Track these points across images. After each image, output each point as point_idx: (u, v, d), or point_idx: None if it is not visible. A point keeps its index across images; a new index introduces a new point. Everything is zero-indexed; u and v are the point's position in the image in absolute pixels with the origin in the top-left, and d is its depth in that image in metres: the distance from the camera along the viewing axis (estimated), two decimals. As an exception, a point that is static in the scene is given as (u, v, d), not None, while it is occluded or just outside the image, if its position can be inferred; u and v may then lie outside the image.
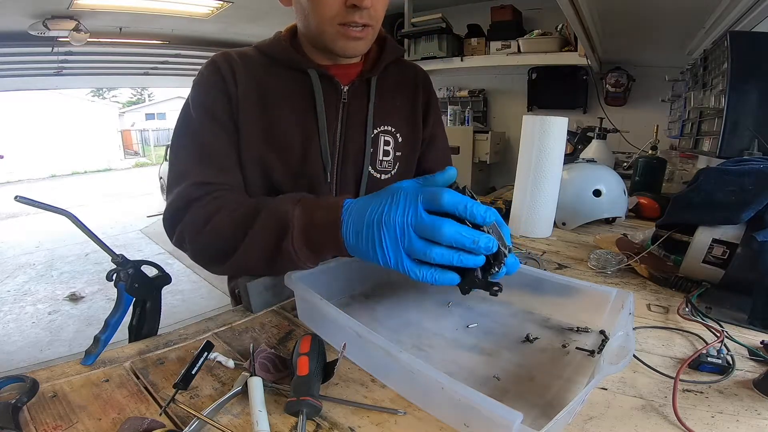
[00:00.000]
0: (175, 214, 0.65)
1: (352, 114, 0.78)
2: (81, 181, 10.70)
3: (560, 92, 2.98)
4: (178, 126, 0.72)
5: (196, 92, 0.72)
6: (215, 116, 0.70)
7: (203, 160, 0.68)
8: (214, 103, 0.70)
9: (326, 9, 0.65)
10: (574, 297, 0.61)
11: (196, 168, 0.67)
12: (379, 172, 0.82)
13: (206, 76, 0.72)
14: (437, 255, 0.43)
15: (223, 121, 0.70)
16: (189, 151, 0.69)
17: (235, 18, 3.44)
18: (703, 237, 0.73)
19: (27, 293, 3.63)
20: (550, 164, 1.03)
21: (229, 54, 0.74)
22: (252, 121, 0.72)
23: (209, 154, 0.68)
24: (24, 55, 3.73)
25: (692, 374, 0.51)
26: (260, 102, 0.73)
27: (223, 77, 0.71)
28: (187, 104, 0.72)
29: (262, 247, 0.56)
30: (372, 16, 0.67)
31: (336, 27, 0.67)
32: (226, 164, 0.70)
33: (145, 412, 0.42)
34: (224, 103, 0.70)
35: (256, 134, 0.72)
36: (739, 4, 1.21)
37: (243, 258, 0.58)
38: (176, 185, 0.66)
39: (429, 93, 0.89)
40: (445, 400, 0.40)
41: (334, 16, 0.65)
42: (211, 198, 0.64)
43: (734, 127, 1.16)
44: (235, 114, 0.71)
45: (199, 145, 0.69)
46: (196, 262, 0.66)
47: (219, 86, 0.71)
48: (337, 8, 0.65)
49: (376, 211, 0.45)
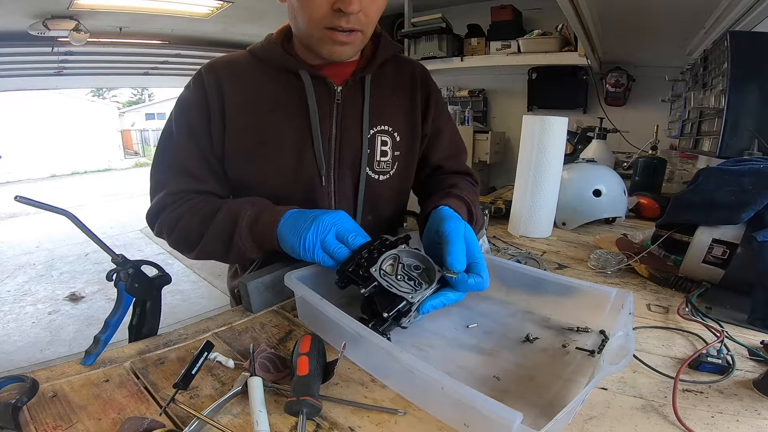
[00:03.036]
0: (156, 214, 0.73)
1: (347, 115, 0.77)
2: (81, 181, 10.68)
3: (560, 92, 2.97)
4: (162, 137, 0.75)
5: (179, 108, 0.75)
6: (193, 133, 0.73)
7: (180, 172, 0.73)
8: (194, 119, 0.73)
9: (313, 11, 0.63)
10: (574, 297, 0.61)
11: (173, 179, 0.73)
12: (377, 173, 0.81)
13: (191, 91, 0.74)
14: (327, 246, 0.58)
15: (198, 137, 0.73)
16: (168, 164, 0.74)
17: (235, 18, 3.44)
18: (703, 237, 0.73)
19: (27, 293, 3.63)
20: (550, 164, 1.03)
21: (216, 65, 0.75)
22: (244, 127, 0.73)
23: (186, 168, 0.73)
24: (24, 55, 3.73)
25: (692, 374, 0.51)
26: (252, 109, 0.73)
27: (206, 93, 0.72)
28: (172, 116, 0.75)
29: (219, 238, 0.66)
30: (361, 22, 0.65)
31: (322, 30, 0.65)
32: (200, 175, 0.74)
33: (145, 412, 0.42)
34: (203, 120, 0.73)
35: (249, 140, 0.73)
36: (739, 4, 1.21)
37: (206, 246, 0.69)
38: (156, 193, 0.74)
39: (429, 88, 0.87)
40: (444, 400, 0.40)
41: (320, 19, 0.64)
42: (183, 201, 0.72)
43: (734, 127, 1.16)
44: (221, 126, 0.73)
45: (176, 160, 0.74)
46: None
47: (200, 103, 0.73)
48: (324, 11, 0.63)
49: (309, 216, 0.60)
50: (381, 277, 0.53)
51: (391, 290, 0.52)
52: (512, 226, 1.12)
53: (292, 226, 0.60)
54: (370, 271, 0.53)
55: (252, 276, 0.66)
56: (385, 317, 0.50)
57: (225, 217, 0.66)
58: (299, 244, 0.57)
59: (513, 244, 1.02)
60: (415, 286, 0.54)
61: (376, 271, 0.53)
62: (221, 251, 0.68)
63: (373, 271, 0.53)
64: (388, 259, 0.56)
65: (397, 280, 0.54)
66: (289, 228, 0.60)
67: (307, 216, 0.60)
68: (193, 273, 3.93)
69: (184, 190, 0.73)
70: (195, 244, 0.69)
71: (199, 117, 0.73)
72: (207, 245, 0.68)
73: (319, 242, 0.57)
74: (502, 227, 1.16)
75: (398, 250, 0.57)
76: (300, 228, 0.58)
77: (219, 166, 0.75)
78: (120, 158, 14.17)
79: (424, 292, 0.53)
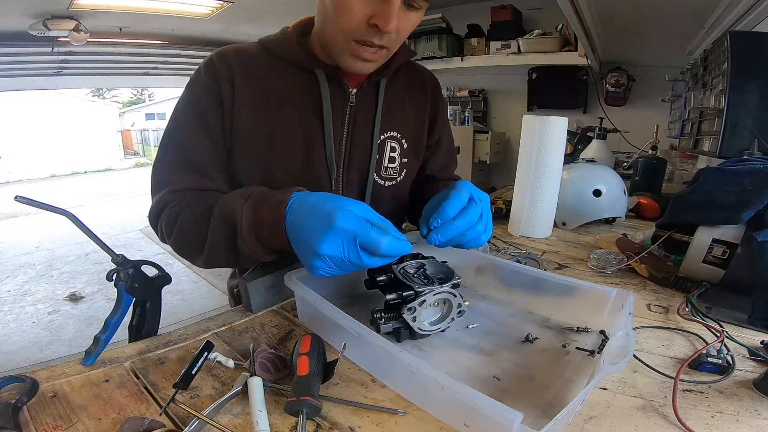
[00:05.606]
0: (158, 215, 0.67)
1: (360, 118, 0.75)
2: (81, 181, 10.68)
3: (560, 92, 2.97)
4: (168, 129, 0.70)
5: (188, 94, 0.69)
6: (204, 122, 0.68)
7: (187, 167, 0.67)
8: (206, 109, 0.68)
9: (347, 21, 0.59)
10: (574, 297, 0.61)
11: (178, 175, 0.67)
12: (384, 179, 0.80)
13: (202, 78, 0.69)
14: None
15: (211, 128, 0.68)
16: (174, 158, 0.68)
17: (235, 18, 3.44)
18: (703, 237, 0.73)
19: (27, 293, 3.63)
20: (550, 164, 1.03)
21: (228, 54, 0.70)
22: (252, 124, 0.69)
23: (195, 162, 0.67)
24: (24, 55, 3.73)
25: (692, 374, 0.51)
26: (261, 103, 0.69)
27: (218, 81, 0.67)
28: (179, 106, 0.70)
29: (221, 246, 0.58)
30: (392, 40, 0.62)
31: (350, 42, 0.61)
32: (210, 171, 0.69)
33: (145, 412, 0.42)
34: (216, 109, 0.68)
35: (257, 138, 0.70)
36: (739, 4, 1.21)
37: (211, 254, 0.60)
38: (157, 192, 0.68)
39: (438, 98, 0.87)
40: (445, 400, 0.40)
41: (352, 31, 0.60)
42: (181, 198, 0.65)
43: (734, 127, 1.16)
44: (229, 120, 0.68)
45: (184, 153, 0.68)
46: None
47: (213, 91, 0.68)
48: (358, 23, 0.58)
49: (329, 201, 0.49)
50: (398, 272, 0.55)
51: (403, 281, 0.54)
52: (512, 226, 1.12)
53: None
54: (391, 266, 0.54)
55: (252, 276, 0.66)
56: (387, 299, 0.52)
57: (221, 220, 0.57)
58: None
59: (513, 244, 1.02)
60: (429, 284, 0.54)
61: (396, 266, 0.55)
62: (231, 260, 0.60)
63: (393, 267, 0.55)
64: (414, 264, 0.58)
65: (413, 278, 0.55)
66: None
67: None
68: (193, 273, 3.93)
69: (189, 188, 0.67)
70: (198, 252, 0.61)
71: (211, 106, 0.67)
72: (212, 253, 0.60)
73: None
74: (502, 227, 1.16)
75: (426, 261, 0.59)
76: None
77: (228, 162, 0.71)
78: (120, 158, 14.17)
79: (432, 287, 0.53)
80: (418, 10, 0.61)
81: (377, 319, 0.52)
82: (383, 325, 0.52)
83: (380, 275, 0.55)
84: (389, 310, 0.53)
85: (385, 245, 0.46)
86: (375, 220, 0.48)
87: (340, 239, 0.46)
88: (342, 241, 0.46)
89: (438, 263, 0.59)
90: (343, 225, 0.45)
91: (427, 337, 0.55)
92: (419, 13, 0.62)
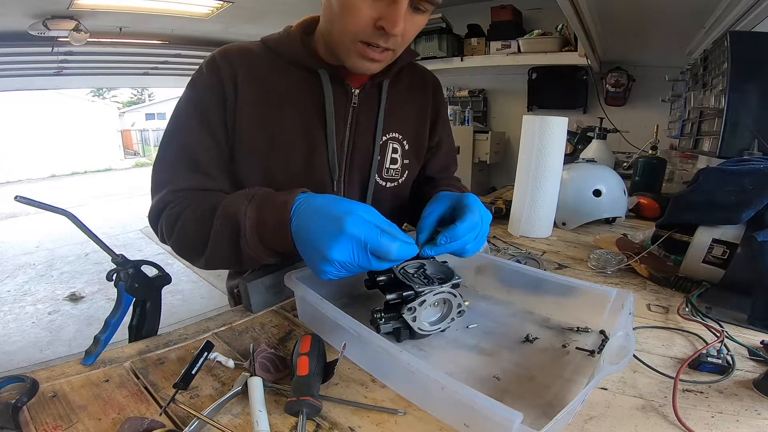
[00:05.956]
0: (158, 215, 0.67)
1: (362, 119, 0.75)
2: (81, 181, 10.68)
3: (560, 92, 2.98)
4: (169, 128, 0.69)
5: (190, 93, 0.69)
6: (206, 121, 0.67)
7: (189, 166, 0.66)
8: (208, 107, 0.67)
9: (353, 22, 0.59)
10: (574, 297, 0.61)
11: (180, 175, 0.66)
12: (385, 180, 0.80)
13: (204, 76, 0.68)
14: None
15: (213, 126, 0.67)
16: (175, 158, 0.67)
17: (235, 18, 3.44)
18: (703, 237, 0.73)
19: (27, 293, 3.63)
20: (550, 164, 1.03)
21: (231, 52, 0.69)
22: (253, 124, 0.68)
23: (196, 161, 0.67)
24: (24, 55, 3.73)
25: (692, 374, 0.51)
26: (263, 103, 0.69)
27: (221, 80, 0.67)
28: (181, 104, 0.69)
29: (224, 247, 0.57)
30: (398, 42, 0.62)
31: (356, 43, 0.61)
32: (211, 171, 0.68)
33: (145, 412, 0.42)
34: (218, 108, 0.67)
35: (258, 138, 0.69)
36: (739, 4, 1.21)
37: (213, 255, 0.59)
38: (158, 192, 0.67)
39: (439, 100, 0.87)
40: (445, 400, 0.40)
41: (358, 32, 0.59)
42: (182, 198, 0.65)
43: (734, 127, 1.16)
44: (231, 119, 0.68)
45: (185, 152, 0.67)
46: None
47: (216, 90, 0.67)
48: (365, 25, 0.58)
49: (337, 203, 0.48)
50: (398, 272, 0.55)
51: (403, 281, 0.54)
52: (512, 226, 1.12)
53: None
54: (392, 268, 0.54)
55: (252, 276, 0.66)
56: (387, 299, 0.52)
57: (224, 221, 0.57)
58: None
59: (513, 244, 1.02)
60: (428, 284, 0.54)
61: (396, 266, 0.55)
62: (233, 262, 0.59)
63: (393, 267, 0.54)
64: (414, 264, 0.58)
65: (413, 278, 0.56)
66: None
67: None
68: (193, 273, 3.93)
69: (190, 188, 0.66)
70: (200, 253, 0.61)
71: (214, 105, 0.67)
72: (215, 254, 0.59)
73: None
74: (502, 227, 1.16)
75: (426, 261, 0.59)
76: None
77: (230, 162, 0.70)
78: (120, 158, 14.17)
79: (432, 287, 0.53)
80: (424, 13, 0.61)
81: (377, 319, 0.53)
82: (383, 325, 0.53)
83: (380, 275, 0.55)
84: (389, 310, 0.53)
85: (395, 251, 0.46)
86: (384, 225, 0.48)
87: (350, 245, 0.45)
88: (352, 247, 0.45)
89: (438, 263, 0.59)
90: (354, 231, 0.45)
91: (427, 337, 0.55)
92: (425, 16, 0.62)
